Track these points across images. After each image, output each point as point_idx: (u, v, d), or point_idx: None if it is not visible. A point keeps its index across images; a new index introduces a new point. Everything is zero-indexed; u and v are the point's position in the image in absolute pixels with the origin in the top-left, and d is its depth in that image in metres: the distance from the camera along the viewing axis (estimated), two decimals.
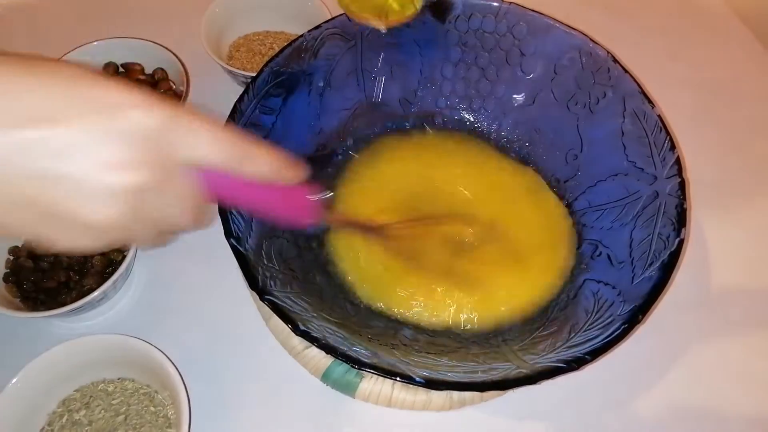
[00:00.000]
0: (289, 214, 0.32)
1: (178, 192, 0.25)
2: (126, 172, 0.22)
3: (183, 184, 0.25)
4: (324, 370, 0.42)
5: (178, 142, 0.24)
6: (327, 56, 0.46)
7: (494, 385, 0.33)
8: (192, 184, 0.26)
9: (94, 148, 0.22)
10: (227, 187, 0.28)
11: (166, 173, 0.24)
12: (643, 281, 0.37)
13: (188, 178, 0.26)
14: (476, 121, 0.52)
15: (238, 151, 0.26)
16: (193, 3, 0.60)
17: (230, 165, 0.26)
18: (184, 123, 0.24)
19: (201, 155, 0.25)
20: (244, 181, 0.28)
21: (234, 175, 0.27)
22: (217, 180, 0.27)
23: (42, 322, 0.45)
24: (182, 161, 0.25)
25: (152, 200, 0.24)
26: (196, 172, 0.26)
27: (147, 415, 0.40)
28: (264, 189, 0.29)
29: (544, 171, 0.49)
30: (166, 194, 0.25)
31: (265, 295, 0.34)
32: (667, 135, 0.41)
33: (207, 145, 0.25)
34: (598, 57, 0.44)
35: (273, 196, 0.30)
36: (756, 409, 0.44)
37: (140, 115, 0.23)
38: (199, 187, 0.26)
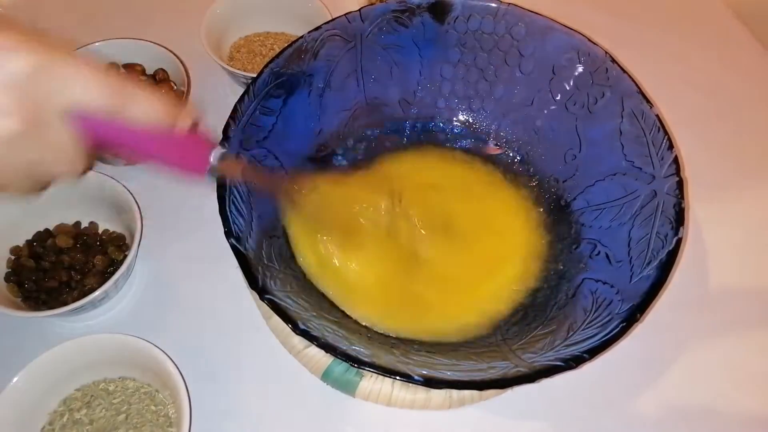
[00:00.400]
0: (179, 161, 0.30)
1: (54, 138, 0.24)
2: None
3: (59, 131, 0.24)
4: (324, 369, 0.42)
5: (51, 87, 0.24)
6: (327, 57, 0.46)
7: (493, 384, 0.33)
8: (69, 130, 0.25)
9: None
10: (109, 132, 0.26)
11: (39, 119, 0.23)
12: (642, 280, 0.37)
13: (65, 124, 0.25)
14: (475, 122, 0.52)
15: (118, 95, 0.25)
16: (193, 3, 0.60)
17: (110, 109, 0.25)
18: (58, 67, 0.24)
19: (77, 100, 0.24)
20: (128, 127, 0.26)
21: (116, 120, 0.26)
22: (98, 125, 0.26)
23: (43, 321, 0.45)
24: (58, 107, 0.24)
25: (24, 147, 0.23)
26: (75, 118, 0.25)
27: (148, 415, 0.40)
28: (149, 134, 0.27)
29: (542, 171, 0.49)
30: (39, 141, 0.24)
31: (265, 295, 0.34)
32: (665, 134, 0.41)
33: (83, 90, 0.24)
34: (596, 57, 0.45)
35: (159, 141, 0.28)
36: (756, 408, 0.44)
37: (11, 61, 0.22)
38: (78, 133, 0.25)
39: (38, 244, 0.46)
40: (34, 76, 0.23)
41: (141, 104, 0.26)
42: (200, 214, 0.50)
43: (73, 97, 0.24)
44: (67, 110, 0.24)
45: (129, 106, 0.26)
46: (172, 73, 0.54)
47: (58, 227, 0.48)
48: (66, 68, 0.24)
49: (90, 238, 0.48)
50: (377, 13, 0.46)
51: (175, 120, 0.28)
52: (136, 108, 0.26)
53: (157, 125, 0.27)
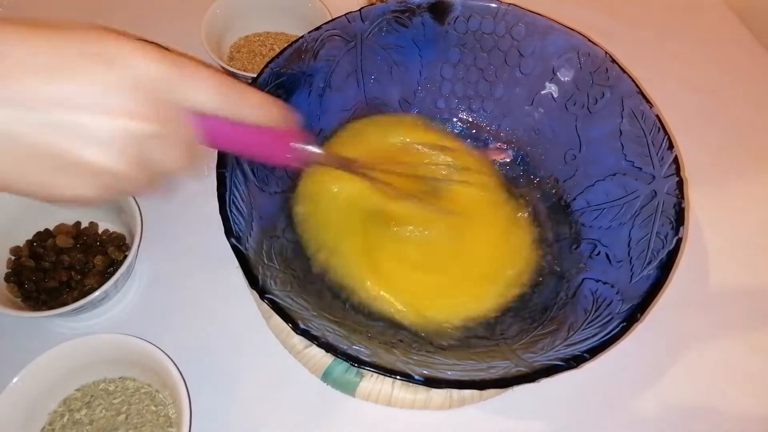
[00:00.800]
0: (278, 155, 0.33)
1: (178, 138, 0.26)
2: (130, 119, 0.24)
3: (182, 130, 0.26)
4: (324, 369, 0.42)
5: (179, 90, 0.25)
6: (327, 57, 0.46)
7: (494, 384, 0.33)
8: (190, 129, 0.27)
9: (100, 97, 0.23)
10: (222, 130, 0.29)
11: (168, 120, 0.25)
12: (642, 280, 0.37)
13: (187, 124, 0.27)
14: (475, 122, 0.52)
15: (234, 96, 0.28)
16: (193, 3, 0.60)
17: (226, 109, 0.27)
18: (185, 71, 0.26)
19: (200, 102, 0.26)
20: (237, 124, 0.29)
21: (228, 118, 0.28)
22: (212, 124, 0.28)
23: (43, 321, 0.45)
24: (182, 107, 0.26)
25: (154, 146, 0.25)
26: (193, 117, 0.27)
27: (148, 415, 0.40)
28: (255, 131, 0.30)
29: (542, 171, 0.49)
30: (166, 140, 0.25)
31: (265, 294, 0.34)
32: (665, 134, 0.41)
33: (206, 92, 0.26)
34: (596, 57, 0.45)
35: (264, 137, 0.31)
36: (756, 408, 0.44)
37: (143, 65, 0.24)
38: (196, 131, 0.27)
39: (38, 244, 0.46)
40: (162, 79, 0.25)
41: (250, 105, 0.29)
42: (200, 214, 0.50)
43: (196, 99, 0.26)
44: (189, 110, 0.26)
45: (240, 107, 0.28)
46: None
47: (58, 227, 0.48)
48: (189, 72, 0.26)
49: (90, 238, 0.48)
50: (377, 13, 0.46)
51: (276, 119, 0.31)
52: (248, 109, 0.29)
53: (263, 124, 0.30)
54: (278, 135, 0.32)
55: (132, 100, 0.24)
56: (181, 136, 0.26)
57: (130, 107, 0.24)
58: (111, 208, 0.47)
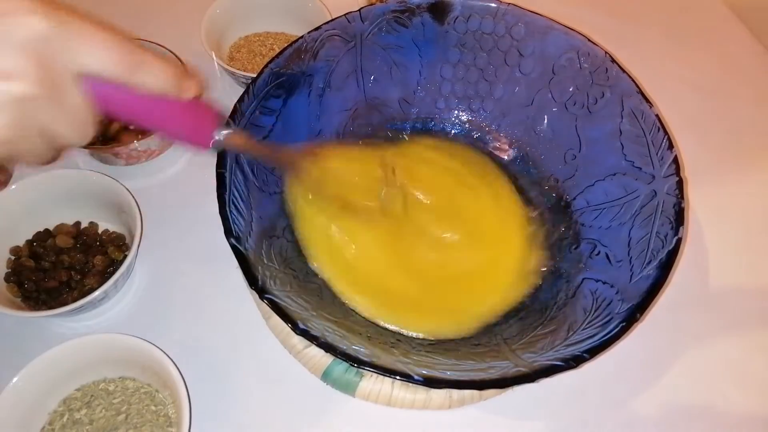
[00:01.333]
0: (184, 131, 0.31)
1: (68, 103, 0.24)
2: (11, 80, 0.22)
3: (73, 95, 0.24)
4: (324, 369, 0.42)
5: (66, 50, 0.24)
6: (327, 57, 0.46)
7: (493, 384, 0.33)
8: (82, 94, 0.25)
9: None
10: (119, 98, 0.27)
11: (55, 82, 0.23)
12: (642, 280, 0.37)
13: (78, 89, 0.25)
14: (475, 122, 0.52)
15: (130, 61, 0.26)
16: (193, 3, 0.60)
17: (122, 75, 0.26)
18: (74, 30, 0.24)
19: (91, 64, 0.24)
20: (137, 94, 0.27)
21: (126, 86, 0.26)
22: (108, 91, 0.26)
23: (43, 321, 0.45)
24: (72, 70, 0.24)
25: (40, 111, 0.23)
26: (86, 83, 0.25)
27: (148, 414, 0.40)
28: (157, 102, 0.28)
29: (542, 171, 0.49)
30: (54, 105, 0.24)
31: (264, 294, 0.34)
32: (665, 134, 0.41)
33: (97, 54, 0.24)
34: (596, 57, 0.45)
35: (167, 110, 0.29)
36: (756, 408, 0.44)
37: (26, 22, 0.22)
38: (90, 98, 0.25)
39: (38, 244, 0.46)
40: (50, 39, 0.23)
41: (151, 71, 0.26)
42: (200, 214, 0.50)
43: (87, 61, 0.24)
44: (80, 74, 0.24)
45: (140, 73, 0.26)
46: None
47: (58, 227, 0.48)
48: (81, 32, 0.24)
49: (90, 238, 0.48)
50: (377, 13, 0.46)
51: (182, 89, 0.28)
52: (146, 75, 0.26)
53: (165, 93, 0.28)
54: (187, 110, 0.29)
55: (13, 60, 0.22)
56: (71, 101, 0.24)
57: (10, 67, 0.22)
58: (111, 208, 0.47)
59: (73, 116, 0.25)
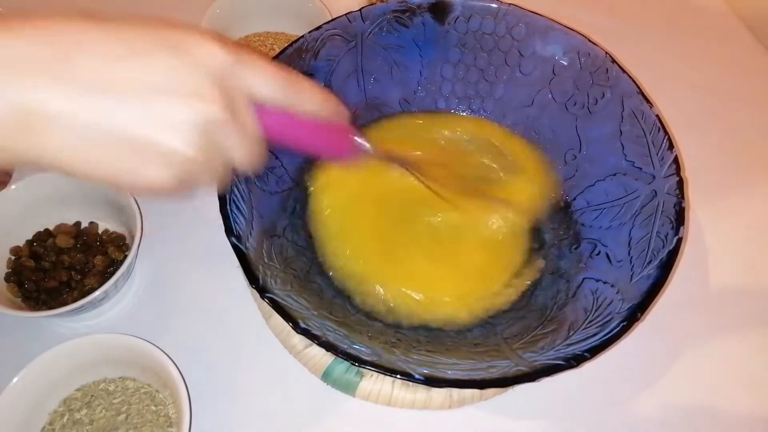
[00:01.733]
0: (332, 148, 0.34)
1: (243, 127, 0.26)
2: (201, 103, 0.24)
3: (247, 120, 0.27)
4: (324, 369, 0.42)
5: (243, 78, 0.26)
6: (327, 57, 0.46)
7: (494, 383, 0.33)
8: (254, 119, 0.27)
9: (173, 82, 0.23)
10: (280, 121, 0.29)
11: (234, 107, 0.25)
12: (642, 280, 0.37)
13: (251, 114, 0.27)
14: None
15: (293, 88, 0.28)
16: (193, 3, 0.60)
17: (285, 101, 0.28)
18: (249, 60, 0.26)
19: (262, 91, 0.27)
20: (295, 117, 0.29)
21: (286, 111, 0.29)
22: (270, 116, 0.28)
23: (43, 321, 0.45)
24: (246, 97, 0.26)
25: (222, 133, 0.25)
26: (257, 109, 0.27)
27: (148, 415, 0.40)
28: (312, 124, 0.31)
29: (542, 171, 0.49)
30: (233, 129, 0.26)
31: (265, 293, 0.34)
32: (665, 134, 0.41)
33: (267, 81, 0.27)
34: (596, 57, 0.45)
35: (319, 131, 0.32)
36: (757, 409, 0.44)
37: (213, 53, 0.25)
38: (259, 122, 0.28)
39: (38, 244, 0.46)
40: (231, 67, 0.25)
41: (309, 98, 0.29)
42: (200, 213, 0.50)
43: (258, 89, 0.27)
44: (253, 101, 0.27)
45: (300, 99, 0.29)
46: None
47: (58, 227, 0.48)
48: (253, 63, 0.26)
49: (90, 238, 0.48)
50: (378, 13, 0.46)
51: (335, 114, 0.31)
52: (305, 101, 0.29)
53: (321, 118, 0.31)
54: (333, 129, 0.33)
55: (203, 85, 0.24)
56: (247, 125, 0.27)
57: (201, 91, 0.24)
58: (111, 208, 0.47)
59: (247, 140, 0.27)
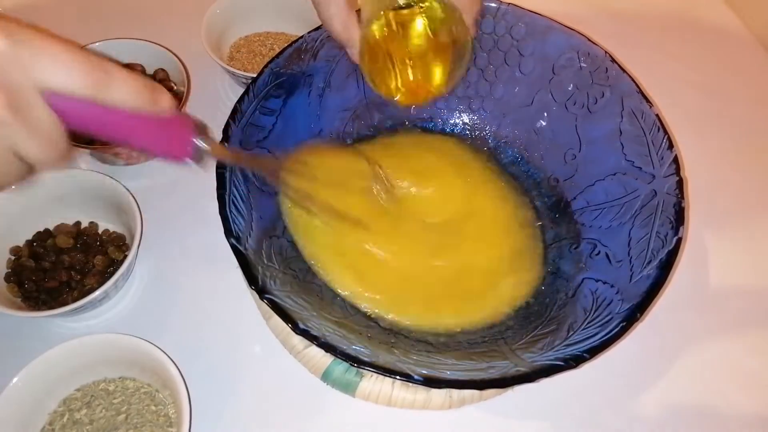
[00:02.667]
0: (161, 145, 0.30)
1: (35, 121, 0.23)
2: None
3: (38, 113, 0.24)
4: (324, 370, 0.42)
5: (28, 67, 0.22)
6: (327, 57, 0.46)
7: (493, 384, 0.33)
8: (48, 111, 0.24)
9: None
10: (88, 115, 0.25)
11: (18, 102, 0.22)
12: (642, 280, 0.37)
13: (44, 106, 0.24)
14: (475, 122, 0.52)
15: (97, 78, 0.24)
16: (193, 3, 0.60)
17: (89, 92, 0.24)
18: (34, 47, 0.23)
19: (54, 81, 0.23)
20: (105, 109, 0.26)
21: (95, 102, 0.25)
22: (77, 108, 0.25)
23: (43, 321, 0.45)
24: (34, 87, 0.23)
25: (9, 135, 0.23)
26: (53, 100, 0.24)
27: (148, 414, 0.40)
28: (129, 118, 0.27)
29: (542, 171, 0.49)
30: (21, 124, 0.23)
31: (265, 294, 0.34)
32: (665, 134, 0.41)
33: (60, 71, 0.23)
34: (596, 57, 0.45)
35: (140, 125, 0.27)
36: (756, 409, 0.44)
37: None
38: (57, 115, 0.24)
39: (38, 244, 0.46)
40: (8, 56, 0.22)
41: (120, 88, 0.25)
42: (200, 214, 0.50)
43: (50, 78, 0.23)
44: (45, 90, 0.24)
45: (108, 89, 0.25)
46: (172, 73, 0.55)
47: (58, 227, 0.48)
48: (41, 48, 0.23)
49: (90, 238, 0.48)
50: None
51: (155, 104, 0.27)
52: (115, 91, 0.25)
53: (137, 108, 0.26)
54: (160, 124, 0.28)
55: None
56: (37, 119, 0.23)
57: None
58: (111, 208, 0.47)
59: (41, 134, 0.24)
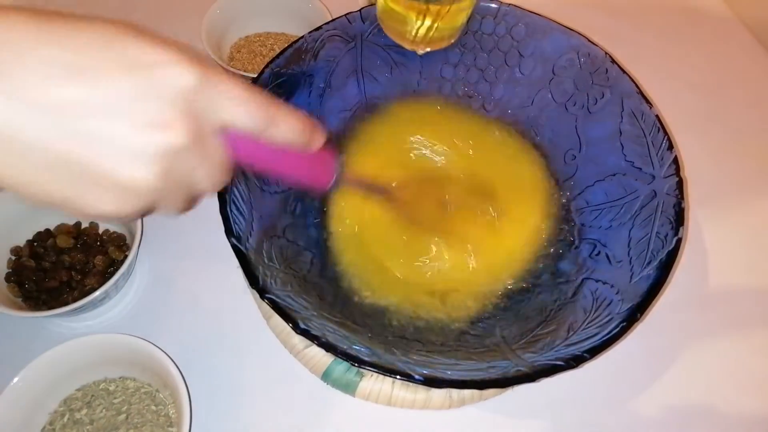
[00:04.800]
0: (308, 177, 0.33)
1: (210, 154, 0.25)
2: (163, 131, 0.22)
3: (214, 147, 0.25)
4: (324, 369, 0.42)
5: (211, 102, 0.24)
6: (327, 57, 0.46)
7: (493, 383, 0.33)
8: (222, 146, 0.26)
9: (131, 107, 0.21)
10: (251, 149, 0.28)
11: (200, 134, 0.24)
12: (642, 280, 0.37)
13: (219, 141, 0.25)
14: None
15: (266, 115, 0.26)
16: (193, 3, 0.60)
17: (257, 128, 0.26)
18: (218, 83, 0.24)
19: (231, 117, 0.25)
20: (268, 146, 0.28)
21: (259, 139, 0.27)
22: (241, 143, 0.27)
23: (44, 321, 0.45)
24: (214, 123, 0.25)
25: (186, 161, 0.24)
26: (224, 134, 0.26)
27: (148, 414, 0.40)
28: (285, 153, 0.29)
29: (542, 171, 0.49)
30: (198, 156, 0.24)
31: (265, 294, 0.34)
32: (665, 134, 0.41)
33: (239, 108, 0.25)
34: (596, 57, 0.45)
35: (293, 160, 0.30)
36: (756, 409, 0.44)
37: (176, 74, 0.23)
38: (228, 148, 0.26)
39: (39, 244, 0.46)
40: (198, 90, 0.23)
41: (284, 126, 0.27)
42: (201, 214, 0.50)
43: (229, 115, 0.25)
44: (221, 125, 0.25)
45: (273, 127, 0.27)
46: None
47: (58, 227, 0.48)
48: (223, 86, 0.24)
49: (90, 238, 0.48)
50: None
51: (310, 142, 0.29)
52: (279, 129, 0.27)
53: (295, 145, 0.29)
54: (309, 158, 0.31)
55: (165, 111, 0.22)
56: (213, 153, 0.25)
57: (163, 117, 0.22)
58: None
59: (213, 167, 0.25)
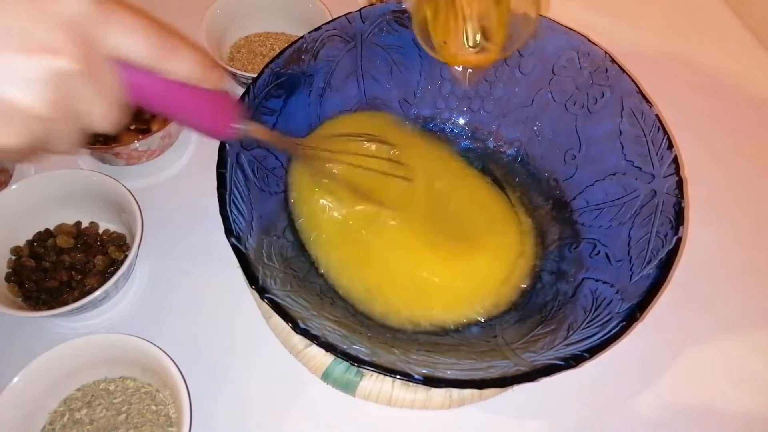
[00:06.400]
0: (207, 120, 0.32)
1: (102, 84, 0.25)
2: (54, 56, 0.22)
3: (107, 76, 0.25)
4: (324, 369, 0.42)
5: (104, 30, 0.24)
6: (327, 57, 0.46)
7: (493, 383, 0.33)
8: (116, 77, 0.25)
9: (21, 32, 0.22)
10: (147, 83, 0.27)
11: (92, 62, 0.24)
12: (641, 279, 0.37)
13: (112, 71, 0.25)
14: (475, 122, 0.52)
15: (161, 45, 0.26)
16: (193, 3, 0.60)
17: (152, 61, 0.26)
18: (111, 12, 0.24)
19: (125, 47, 0.25)
20: (164, 80, 0.27)
21: (154, 72, 0.26)
22: (136, 76, 0.26)
23: (44, 321, 0.45)
24: (107, 51, 0.24)
25: (77, 90, 0.24)
26: (119, 66, 0.25)
27: (148, 414, 0.40)
28: (183, 90, 0.28)
29: (542, 171, 0.49)
30: (90, 85, 0.24)
31: (265, 294, 0.34)
32: (665, 134, 0.41)
33: (131, 37, 0.25)
34: (596, 57, 0.45)
35: (191, 97, 0.29)
36: (756, 408, 0.44)
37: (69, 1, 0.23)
38: (122, 81, 0.26)
39: (39, 244, 0.46)
40: (88, 18, 0.23)
41: (181, 59, 0.27)
42: (200, 213, 0.50)
43: (121, 44, 0.25)
44: (114, 56, 0.25)
45: (169, 60, 0.26)
46: None
47: (58, 227, 0.48)
48: (117, 15, 0.24)
49: (90, 238, 0.48)
50: (377, 14, 0.46)
51: (209, 78, 0.29)
52: (176, 62, 0.27)
53: (192, 81, 0.28)
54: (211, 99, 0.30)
55: (57, 37, 0.22)
56: (106, 82, 0.24)
57: (54, 43, 0.22)
58: (111, 208, 0.47)
59: (107, 97, 0.25)
